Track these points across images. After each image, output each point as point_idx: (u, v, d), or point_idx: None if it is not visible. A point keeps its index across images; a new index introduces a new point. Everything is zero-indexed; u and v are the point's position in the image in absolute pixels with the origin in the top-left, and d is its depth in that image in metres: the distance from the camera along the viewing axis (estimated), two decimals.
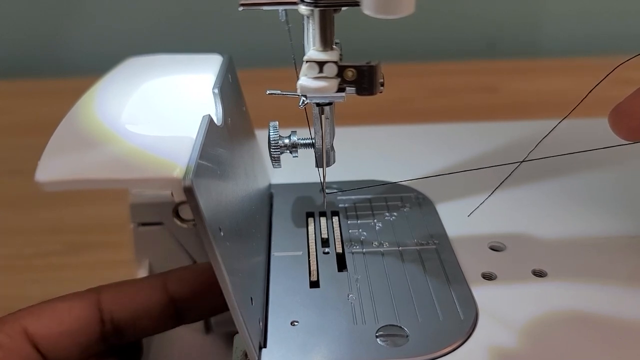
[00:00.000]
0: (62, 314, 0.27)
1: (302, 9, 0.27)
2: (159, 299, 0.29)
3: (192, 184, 0.22)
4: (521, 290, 0.30)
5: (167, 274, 0.30)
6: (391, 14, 0.24)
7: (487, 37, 0.91)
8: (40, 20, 0.86)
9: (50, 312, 0.27)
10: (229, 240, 0.25)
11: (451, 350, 0.26)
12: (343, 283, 0.30)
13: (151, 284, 0.29)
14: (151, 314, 0.29)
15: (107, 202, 0.48)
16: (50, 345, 0.27)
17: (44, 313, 0.27)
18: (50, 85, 0.80)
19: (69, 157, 0.24)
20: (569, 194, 0.37)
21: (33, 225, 0.55)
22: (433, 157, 0.41)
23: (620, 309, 0.28)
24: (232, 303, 0.24)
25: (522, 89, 0.79)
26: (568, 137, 0.36)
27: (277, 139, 0.33)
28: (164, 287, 0.29)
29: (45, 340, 0.27)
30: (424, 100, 0.78)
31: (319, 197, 0.37)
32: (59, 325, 0.27)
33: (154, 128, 0.27)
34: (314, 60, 0.27)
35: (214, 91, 0.30)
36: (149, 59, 0.34)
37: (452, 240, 0.33)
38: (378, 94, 0.28)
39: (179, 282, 0.30)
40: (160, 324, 0.29)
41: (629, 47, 0.35)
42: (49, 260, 0.51)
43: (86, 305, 0.28)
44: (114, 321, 0.28)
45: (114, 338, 0.29)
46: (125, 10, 0.86)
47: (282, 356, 0.26)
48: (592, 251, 0.32)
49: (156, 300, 0.29)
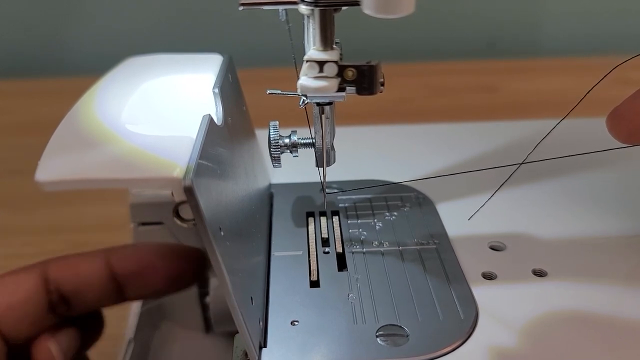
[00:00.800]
0: (10, 287, 0.28)
1: (302, 8, 0.27)
2: (100, 271, 0.30)
3: (192, 184, 0.22)
4: (521, 289, 0.30)
5: (111, 249, 0.31)
6: (391, 14, 0.24)
7: (487, 36, 0.91)
8: (40, 20, 0.86)
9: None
10: (229, 240, 0.25)
11: (451, 349, 0.26)
12: (343, 283, 0.30)
13: (94, 257, 0.30)
14: (93, 286, 0.30)
15: (107, 202, 0.48)
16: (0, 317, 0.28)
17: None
18: (50, 85, 0.80)
19: (69, 157, 0.24)
20: (569, 193, 0.37)
21: (33, 225, 0.55)
22: (433, 157, 0.41)
23: (620, 309, 0.29)
24: (232, 303, 0.24)
25: (522, 89, 0.79)
26: (568, 137, 0.36)
27: (277, 138, 0.33)
28: (107, 261, 0.30)
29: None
30: (424, 100, 0.78)
31: (319, 196, 0.38)
32: (7, 297, 0.28)
33: (154, 128, 0.27)
34: (314, 59, 0.27)
35: (214, 91, 0.30)
36: (148, 59, 0.34)
37: (452, 239, 0.33)
38: (378, 93, 0.28)
39: (121, 257, 0.30)
40: (103, 297, 0.30)
41: (629, 47, 0.35)
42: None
43: (32, 277, 0.29)
44: (59, 291, 0.29)
45: (61, 308, 0.29)
46: (125, 10, 0.86)
47: (282, 356, 0.26)
48: (592, 251, 0.32)
49: (97, 272, 0.30)
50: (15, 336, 0.28)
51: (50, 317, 0.29)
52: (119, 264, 0.30)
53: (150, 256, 0.31)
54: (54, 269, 0.29)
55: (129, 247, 0.32)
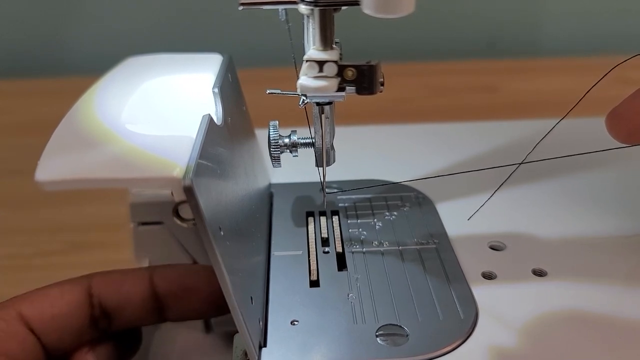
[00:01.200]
0: (55, 298, 0.28)
1: (302, 8, 0.27)
2: (143, 290, 0.30)
3: (192, 184, 0.22)
4: (521, 289, 0.30)
5: (154, 268, 0.31)
6: (391, 14, 0.24)
7: (487, 36, 0.91)
8: (40, 20, 0.86)
9: (43, 297, 0.28)
10: (229, 239, 0.25)
11: (451, 349, 0.26)
12: (343, 282, 0.30)
13: (138, 275, 0.30)
14: (134, 304, 0.30)
15: (107, 202, 0.48)
16: (44, 327, 0.28)
17: (38, 298, 0.28)
18: (50, 85, 0.80)
19: (69, 157, 0.24)
20: (569, 193, 0.37)
21: (33, 225, 0.55)
22: (433, 157, 0.41)
23: (619, 308, 0.29)
24: (232, 302, 0.24)
25: (522, 89, 0.79)
26: (568, 137, 0.36)
27: (277, 138, 0.33)
28: (149, 280, 0.30)
29: (39, 323, 0.28)
30: (424, 99, 0.78)
31: (319, 196, 0.38)
32: (52, 309, 0.28)
33: (153, 127, 0.27)
34: (314, 59, 0.27)
35: (214, 91, 0.30)
36: (148, 59, 0.34)
37: (452, 239, 0.33)
38: (378, 93, 0.28)
39: (164, 278, 0.30)
40: (144, 315, 0.30)
41: (629, 47, 0.35)
42: (49, 259, 0.51)
43: (77, 290, 0.29)
44: (102, 306, 0.29)
45: (103, 323, 0.29)
46: (125, 10, 0.86)
47: (282, 355, 0.26)
48: (592, 250, 0.32)
49: (140, 291, 0.30)
50: (55, 347, 0.28)
51: (91, 331, 0.29)
52: (162, 284, 0.30)
53: (193, 278, 0.31)
54: (97, 284, 0.29)
55: (173, 267, 0.31)
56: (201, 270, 0.31)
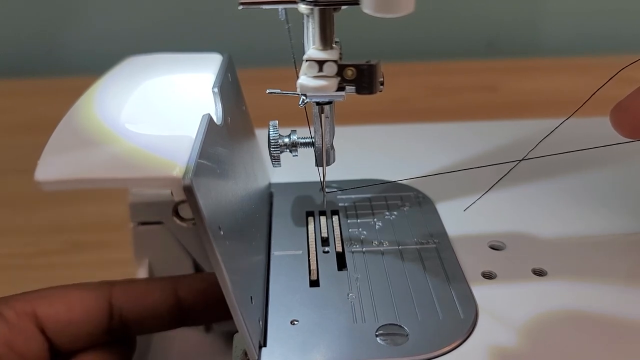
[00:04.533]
0: (74, 303, 0.28)
1: (301, 7, 0.27)
2: (167, 301, 0.30)
3: (192, 183, 0.22)
4: (521, 289, 0.30)
5: (178, 279, 0.31)
6: (391, 13, 0.24)
7: (487, 36, 0.91)
8: (40, 20, 0.86)
9: (62, 298, 0.28)
10: (228, 239, 0.25)
11: (451, 349, 0.26)
12: (343, 282, 0.30)
13: (162, 286, 0.30)
14: (158, 315, 0.30)
15: (107, 202, 0.48)
16: (57, 330, 0.27)
17: (56, 299, 0.28)
18: (50, 85, 0.80)
19: (69, 157, 0.24)
20: (569, 192, 0.37)
21: (33, 224, 0.55)
22: (433, 156, 0.41)
23: (620, 307, 0.29)
24: (232, 302, 0.24)
25: (521, 88, 0.79)
26: (568, 137, 0.36)
27: (277, 138, 0.33)
28: (174, 291, 0.30)
29: (53, 325, 0.27)
30: (424, 99, 0.78)
31: (319, 196, 0.38)
32: (69, 313, 0.28)
33: (153, 127, 0.27)
34: (313, 59, 0.27)
35: (213, 90, 0.30)
36: (148, 59, 0.34)
37: (452, 239, 0.33)
38: (378, 93, 0.28)
39: (189, 289, 0.30)
40: (165, 324, 0.30)
41: (629, 47, 0.35)
42: (49, 259, 0.51)
43: (98, 297, 0.29)
44: (122, 317, 0.29)
45: (118, 332, 0.29)
46: (125, 10, 0.86)
47: (282, 355, 0.26)
48: (591, 249, 0.32)
49: (165, 302, 0.30)
50: (66, 349, 0.28)
51: (105, 337, 0.29)
52: (187, 296, 0.30)
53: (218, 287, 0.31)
54: (120, 296, 0.29)
55: (197, 277, 0.31)
56: None
